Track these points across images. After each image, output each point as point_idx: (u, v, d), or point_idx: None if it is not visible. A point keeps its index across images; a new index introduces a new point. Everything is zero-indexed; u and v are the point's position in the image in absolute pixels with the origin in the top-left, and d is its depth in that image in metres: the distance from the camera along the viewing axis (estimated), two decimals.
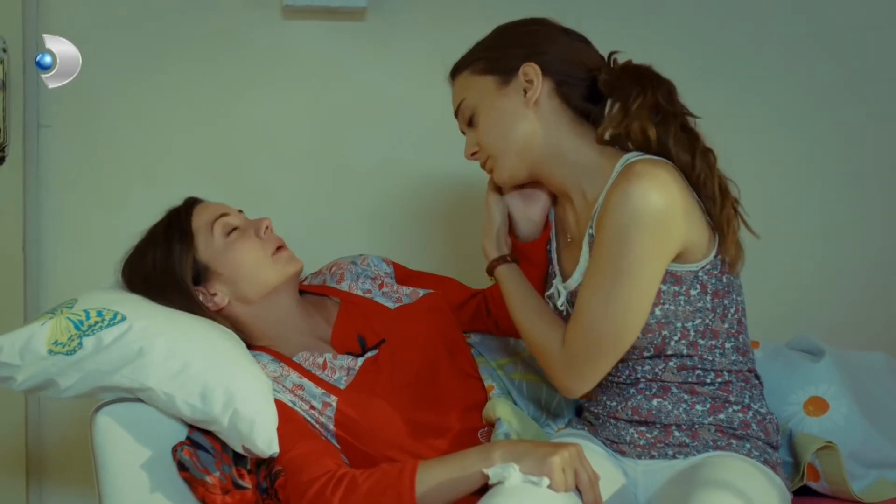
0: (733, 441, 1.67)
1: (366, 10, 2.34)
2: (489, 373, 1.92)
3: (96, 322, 1.70)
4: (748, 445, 1.67)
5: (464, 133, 1.79)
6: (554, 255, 1.80)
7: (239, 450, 1.69)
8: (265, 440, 1.67)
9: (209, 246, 1.84)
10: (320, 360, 1.83)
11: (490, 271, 1.79)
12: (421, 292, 1.96)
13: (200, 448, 1.68)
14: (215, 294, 1.84)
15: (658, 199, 1.56)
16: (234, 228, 1.86)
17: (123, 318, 1.71)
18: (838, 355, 1.97)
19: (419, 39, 2.37)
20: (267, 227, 1.87)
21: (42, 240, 2.33)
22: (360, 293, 1.95)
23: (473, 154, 1.78)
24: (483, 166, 1.79)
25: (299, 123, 2.39)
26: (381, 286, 1.97)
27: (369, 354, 1.84)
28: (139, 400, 1.72)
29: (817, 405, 1.89)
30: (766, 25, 2.48)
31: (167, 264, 1.82)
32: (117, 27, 2.30)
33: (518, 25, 1.76)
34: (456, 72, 1.78)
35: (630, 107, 1.65)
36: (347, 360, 1.83)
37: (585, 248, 1.67)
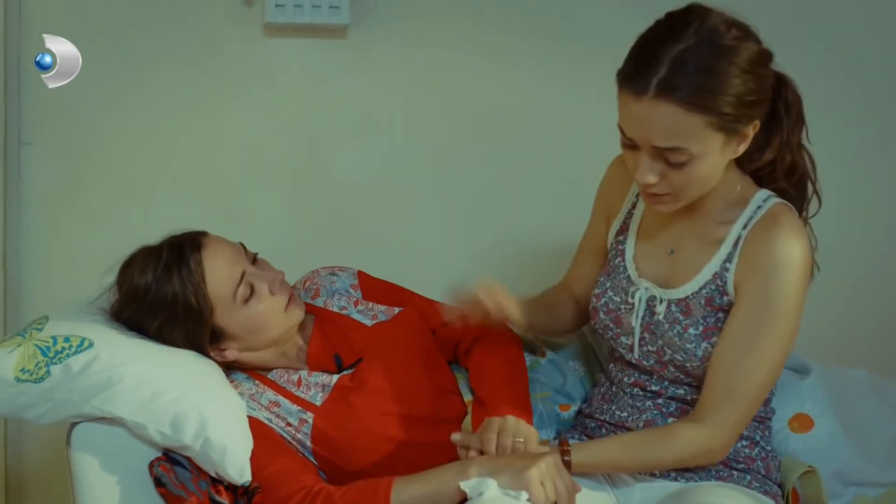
0: (734, 473, 1.68)
1: (348, 28, 2.34)
2: (469, 387, 1.90)
3: (63, 348, 1.69)
4: (748, 477, 1.68)
5: (625, 148, 1.57)
6: (629, 251, 1.75)
7: (213, 474, 1.68)
8: (237, 469, 1.66)
9: (229, 313, 1.78)
10: (295, 378, 1.82)
11: (568, 467, 1.61)
12: (396, 309, 1.95)
13: (177, 464, 1.67)
14: (225, 349, 1.82)
15: (808, 257, 1.59)
16: (252, 292, 1.79)
17: (91, 345, 1.70)
18: (824, 373, 1.97)
19: (401, 56, 2.36)
20: (280, 283, 1.81)
21: (22, 256, 2.32)
22: (335, 310, 1.94)
23: (653, 185, 1.57)
24: (651, 197, 1.60)
25: (281, 140, 2.39)
26: (356, 303, 1.96)
27: (345, 373, 1.83)
28: None
29: (802, 422, 1.89)
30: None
31: (185, 332, 1.77)
32: (98, 44, 2.29)
33: (757, 64, 1.54)
34: (680, 105, 1.48)
35: (792, 142, 1.65)
36: (322, 377, 1.82)
37: (730, 289, 1.62)
